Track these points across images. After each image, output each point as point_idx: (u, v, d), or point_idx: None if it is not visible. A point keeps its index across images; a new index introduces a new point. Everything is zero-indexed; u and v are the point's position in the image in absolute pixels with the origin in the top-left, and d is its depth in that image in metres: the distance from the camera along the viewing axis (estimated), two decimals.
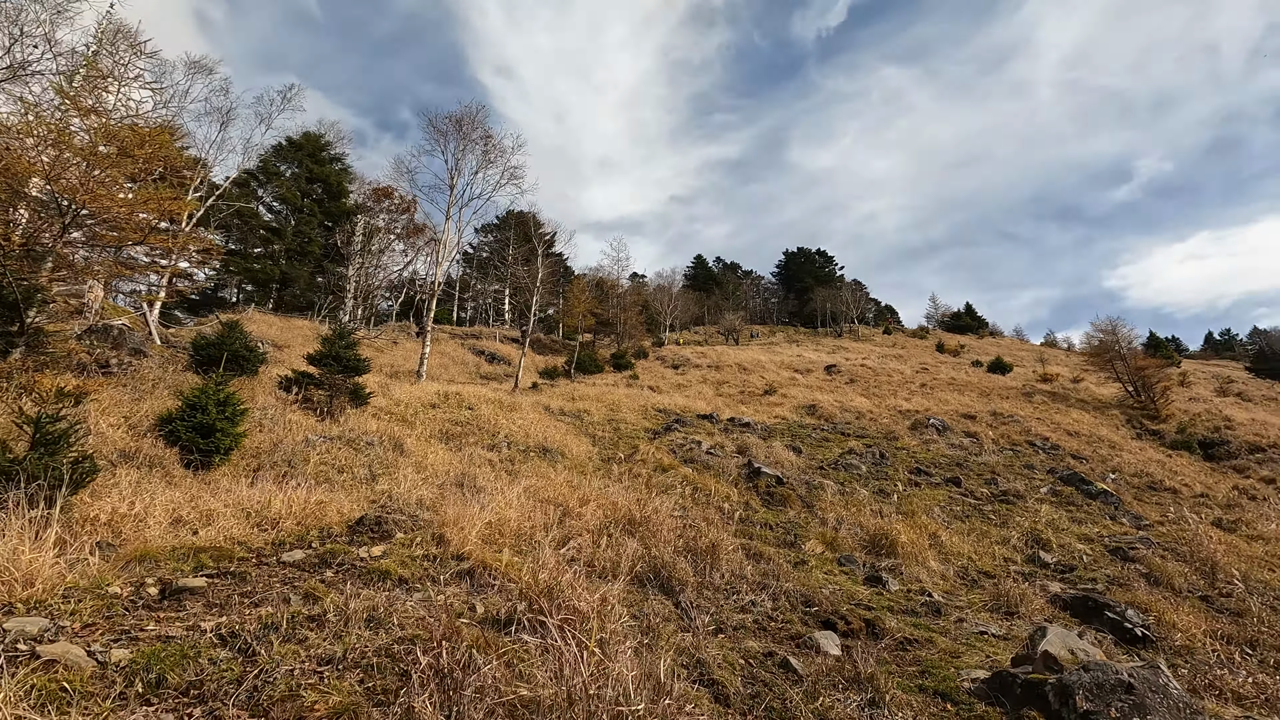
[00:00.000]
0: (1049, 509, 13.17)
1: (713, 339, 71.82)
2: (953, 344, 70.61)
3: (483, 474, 9.57)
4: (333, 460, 9.11)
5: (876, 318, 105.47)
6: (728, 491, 11.45)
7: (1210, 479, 21.57)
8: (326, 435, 10.10)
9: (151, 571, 4.64)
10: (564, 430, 15.62)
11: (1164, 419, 32.18)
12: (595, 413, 19.39)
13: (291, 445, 9.30)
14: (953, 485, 14.28)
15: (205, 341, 12.76)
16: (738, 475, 12.70)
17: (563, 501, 8.23)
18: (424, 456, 10.66)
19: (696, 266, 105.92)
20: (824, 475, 14.33)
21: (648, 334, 45.61)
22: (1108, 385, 38.78)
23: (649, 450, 13.66)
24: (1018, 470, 17.38)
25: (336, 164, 35.52)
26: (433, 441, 12.20)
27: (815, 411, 26.57)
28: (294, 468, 8.61)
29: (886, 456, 16.65)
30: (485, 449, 12.34)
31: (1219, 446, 27.03)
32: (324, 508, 6.61)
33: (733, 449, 15.63)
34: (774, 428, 21.31)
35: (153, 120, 9.65)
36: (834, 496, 11.96)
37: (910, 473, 15.33)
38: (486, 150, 22.02)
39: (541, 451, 12.99)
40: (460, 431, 13.51)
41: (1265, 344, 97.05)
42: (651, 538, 6.80)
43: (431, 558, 5.58)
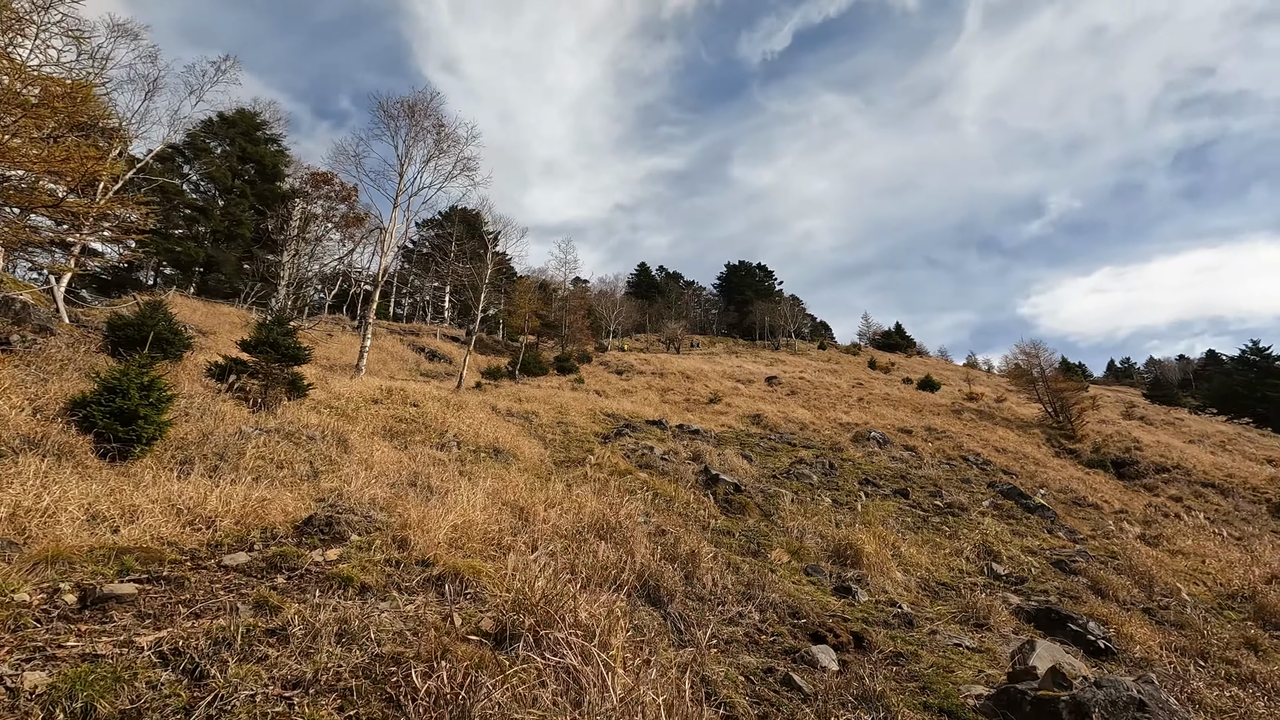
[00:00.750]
0: (992, 521, 13.52)
1: (654, 347, 71.96)
2: (884, 361, 73.27)
3: (435, 474, 8.97)
4: (271, 454, 8.33)
5: (812, 333, 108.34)
6: (687, 497, 11.19)
7: (1125, 496, 22.85)
8: (263, 428, 9.27)
9: (66, 575, 3.97)
10: (514, 431, 15.05)
11: (1079, 439, 34.03)
12: (544, 415, 18.85)
13: (223, 437, 8.46)
14: (901, 497, 14.50)
15: (123, 321, 11.61)
16: (695, 481, 12.48)
17: (525, 505, 7.77)
18: (370, 454, 9.94)
19: (640, 274, 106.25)
20: (778, 484, 14.29)
21: (592, 339, 45.15)
22: (1029, 406, 40.79)
23: (604, 454, 13.27)
24: (957, 484, 17.88)
25: (272, 145, 33.55)
26: (377, 438, 11.45)
27: (760, 421, 26.77)
28: (226, 461, 7.82)
29: (835, 467, 16.80)
30: (434, 448, 11.68)
31: (1129, 466, 28.72)
32: (266, 506, 5.94)
33: (686, 455, 15.42)
34: (723, 436, 21.27)
35: (76, 73, 8.65)
36: (792, 505, 11.88)
37: (859, 483, 15.49)
38: (439, 139, 21.21)
39: (493, 452, 12.41)
40: (406, 429, 12.78)
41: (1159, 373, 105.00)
42: (625, 544, 6.45)
43: (394, 563, 5.05)
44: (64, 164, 7.95)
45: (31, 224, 9.41)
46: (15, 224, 8.56)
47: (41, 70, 8.30)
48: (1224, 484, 26.16)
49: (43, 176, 8.29)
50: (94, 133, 10.16)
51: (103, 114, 9.59)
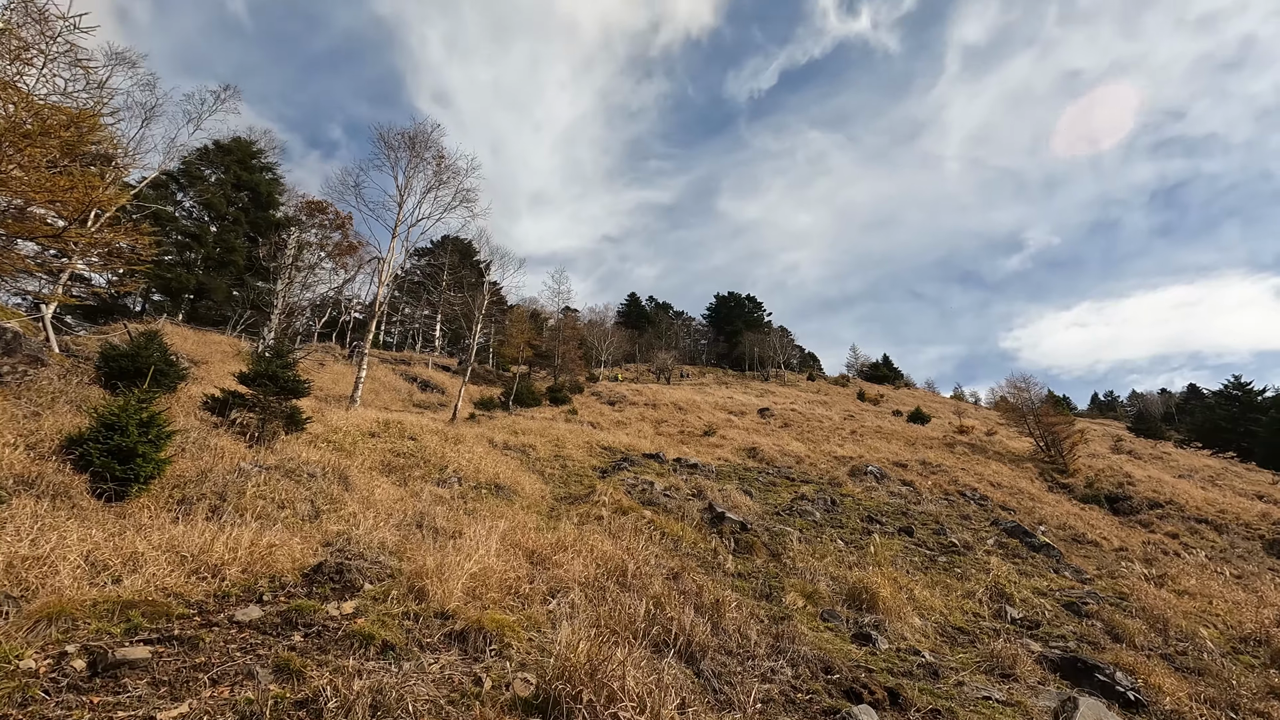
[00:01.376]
0: (998, 561, 13.36)
1: (644, 377, 71.76)
2: (873, 393, 73.41)
3: (440, 513, 8.71)
4: (272, 493, 8.05)
5: (801, 364, 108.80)
6: (694, 537, 10.97)
7: (1122, 532, 22.80)
8: (262, 464, 8.98)
9: (71, 635, 3.72)
10: (513, 466, 14.78)
11: (1072, 473, 34.07)
12: (541, 448, 18.57)
13: (222, 474, 8.18)
14: (906, 535, 14.32)
15: (117, 352, 11.32)
16: (700, 520, 12.25)
17: (536, 548, 7.53)
18: (370, 491, 9.68)
19: (630, 304, 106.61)
20: (782, 521, 14.08)
21: (584, 368, 44.95)
22: (1020, 440, 40.92)
23: (605, 490, 13.02)
24: (957, 520, 17.75)
25: (267, 173, 33.50)
26: (375, 474, 11.17)
27: (756, 455, 26.60)
28: (226, 501, 7.53)
29: (837, 504, 16.62)
30: (435, 484, 11.40)
31: (1123, 501, 28.70)
32: (274, 552, 5.68)
33: (688, 491, 15.19)
34: (720, 470, 21.05)
35: (82, 101, 8.54)
36: (800, 545, 11.67)
37: (862, 520, 15.32)
38: (439, 170, 21.23)
39: (494, 488, 12.14)
40: (404, 464, 12.49)
41: (1142, 407, 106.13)
42: (644, 590, 6.24)
43: (413, 616, 4.81)
44: (67, 193, 7.78)
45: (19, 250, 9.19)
46: (6, 251, 8.35)
47: (48, 99, 8.19)
48: (1217, 520, 26.16)
49: (43, 205, 8.12)
50: (99, 162, 10.02)
51: (109, 143, 9.46)
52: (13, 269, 8.72)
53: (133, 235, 9.70)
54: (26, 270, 9.64)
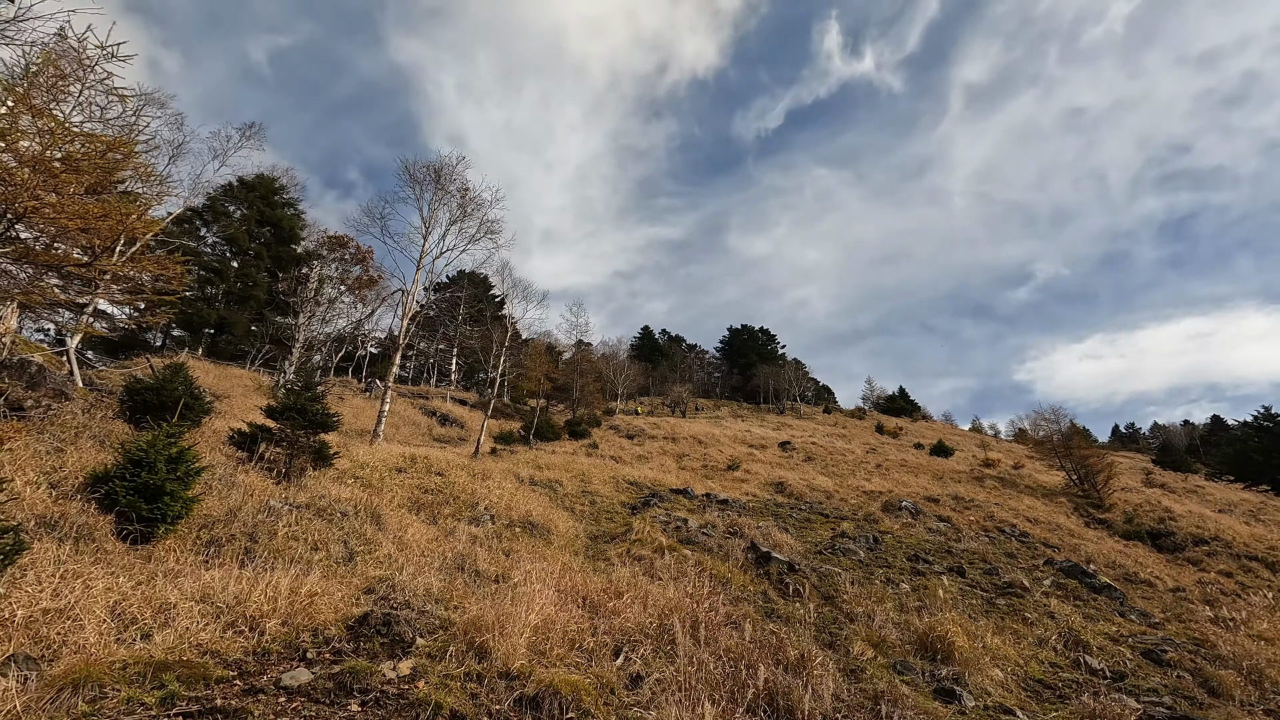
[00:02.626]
0: (1059, 603, 12.57)
1: (659, 410, 70.99)
2: (891, 426, 72.08)
3: (481, 555, 8.17)
4: (304, 534, 7.56)
5: (816, 397, 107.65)
6: (742, 579, 10.33)
7: (1172, 570, 21.76)
8: (292, 502, 8.51)
9: (100, 708, 3.22)
10: (543, 503, 14.21)
11: (1108, 508, 32.93)
12: (567, 483, 17.99)
13: (251, 513, 7.70)
14: (957, 575, 13.55)
15: (141, 386, 10.97)
16: (745, 560, 11.59)
17: (590, 593, 6.97)
18: (403, 530, 9.16)
19: (643, 337, 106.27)
20: (826, 561, 13.38)
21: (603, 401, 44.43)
22: (1050, 473, 39.80)
23: (643, 528, 12.42)
24: (1003, 558, 16.92)
25: (289, 209, 33.77)
26: (404, 511, 10.65)
27: (784, 489, 25.82)
28: (258, 542, 7.05)
29: (878, 541, 15.87)
30: (468, 522, 10.86)
31: (1166, 538, 27.56)
32: (315, 601, 5.18)
33: (725, 528, 14.53)
34: (751, 505, 20.34)
35: (117, 130, 8.34)
36: (852, 587, 10.98)
37: (908, 560, 14.56)
38: (463, 202, 21.12)
39: (527, 527, 11.58)
40: (433, 500, 11.97)
41: (1166, 438, 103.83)
42: (715, 643, 5.65)
43: (475, 677, 4.27)
44: (100, 221, 7.52)
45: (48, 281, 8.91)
46: (39, 284, 8.08)
47: (83, 127, 8.00)
48: (1268, 557, 24.96)
49: (75, 233, 7.86)
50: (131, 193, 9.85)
51: (143, 173, 9.25)
52: (41, 301, 8.45)
53: (163, 266, 9.43)
54: (54, 303, 9.37)
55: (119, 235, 8.03)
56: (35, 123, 7.66)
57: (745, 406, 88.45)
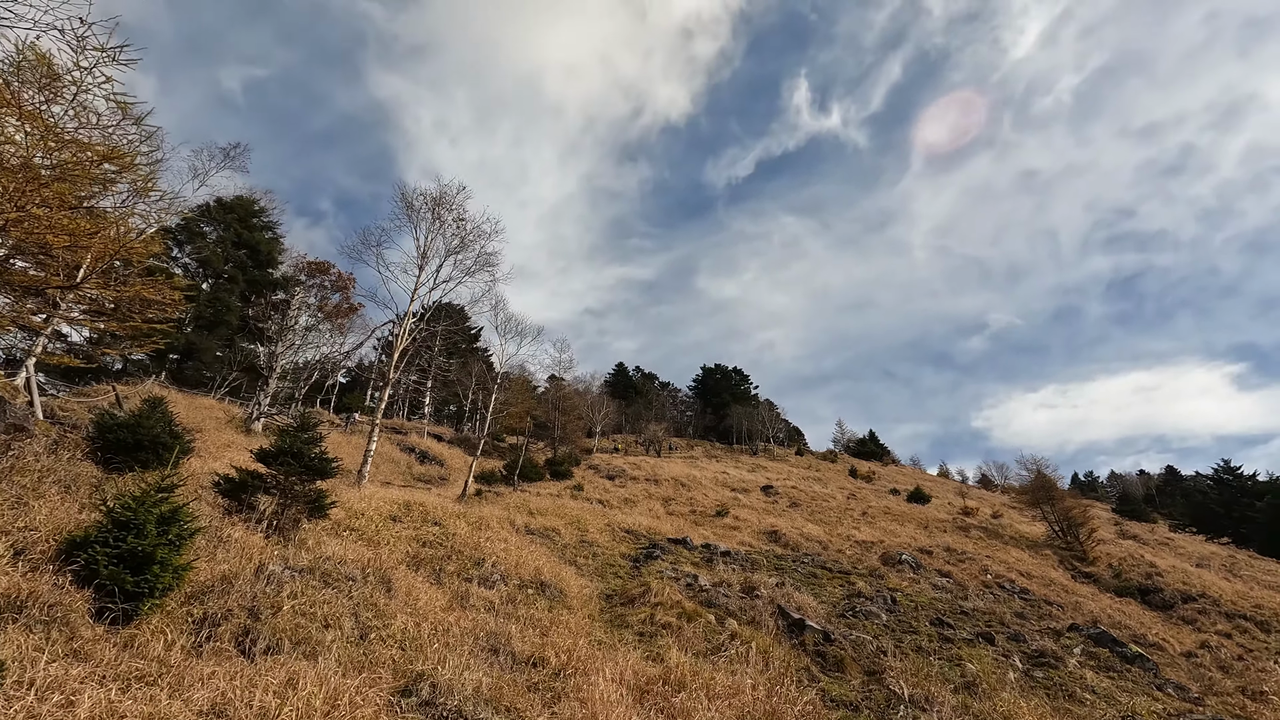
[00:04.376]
0: (1093, 675, 11.95)
1: (633, 448, 69.82)
2: (865, 470, 72.06)
3: (515, 635, 7.19)
4: (311, 608, 6.51)
5: (788, 438, 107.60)
6: (781, 652, 9.46)
7: (1170, 630, 21.43)
8: (293, 566, 7.44)
9: None
10: (547, 557, 13.18)
11: (1092, 561, 32.87)
12: (564, 532, 16.96)
13: (248, 581, 6.64)
14: (986, 643, 12.85)
15: (115, 423, 9.80)
16: (775, 627, 10.73)
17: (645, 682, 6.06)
18: (414, 596, 8.13)
19: (617, 374, 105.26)
20: (849, 624, 12.58)
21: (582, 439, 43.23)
22: (1032, 524, 39.77)
23: (661, 589, 11.49)
24: (1013, 620, 16.34)
25: (268, 232, 32.45)
26: (407, 570, 9.57)
27: (779, 539, 25.01)
28: (259, 620, 6.00)
29: (896, 602, 15.13)
30: (478, 583, 9.82)
31: (1155, 594, 27.41)
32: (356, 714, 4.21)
33: (739, 587, 13.64)
34: (752, 557, 19.48)
35: (118, 137, 7.43)
36: (895, 661, 10.18)
37: (931, 624, 13.83)
38: (460, 232, 20.33)
39: (540, 587, 10.57)
40: (436, 556, 10.89)
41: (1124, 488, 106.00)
42: None
43: None
44: (90, 238, 6.58)
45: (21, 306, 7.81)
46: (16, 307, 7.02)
47: (76, 134, 7.09)
48: (1256, 616, 24.95)
49: (59, 251, 6.89)
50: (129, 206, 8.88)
51: (144, 186, 8.30)
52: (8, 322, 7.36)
53: (158, 290, 8.42)
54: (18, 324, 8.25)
55: (112, 255, 7.09)
56: (23, 125, 6.73)
57: (719, 446, 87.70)
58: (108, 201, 8.00)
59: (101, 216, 6.87)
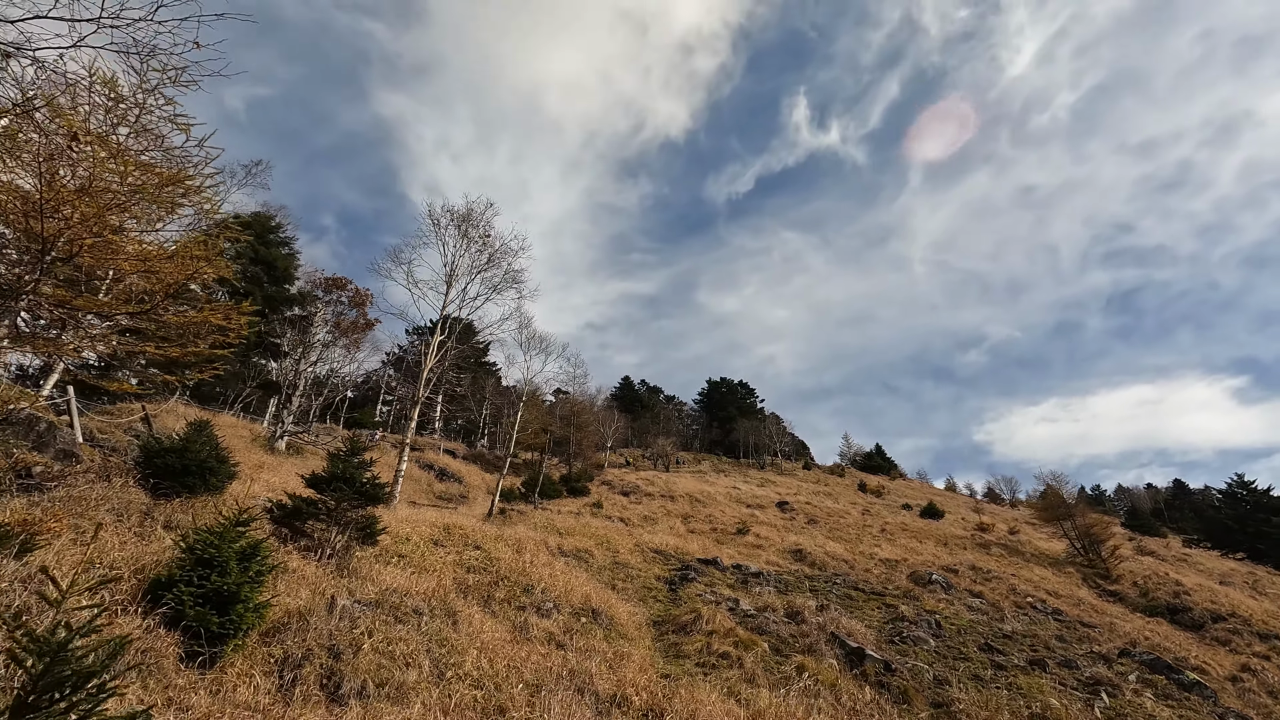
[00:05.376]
0: (1153, 703, 11.66)
1: (641, 463, 69.43)
2: (874, 484, 71.56)
3: (596, 672, 6.94)
4: (388, 645, 6.27)
5: (795, 452, 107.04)
6: (848, 685, 9.18)
7: (1209, 653, 21.02)
8: (360, 600, 7.21)
9: None
10: (588, 581, 12.92)
11: (1115, 579, 32.44)
12: (597, 554, 16.69)
13: (323, 617, 6.41)
14: (1040, 670, 12.54)
15: (162, 448, 9.59)
16: (835, 657, 10.44)
17: None
18: (478, 629, 7.88)
19: (623, 388, 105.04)
20: (899, 650, 12.30)
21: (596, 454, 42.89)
22: (1051, 540, 39.37)
23: (712, 615, 11.22)
24: (1055, 643, 15.99)
25: (284, 248, 32.42)
26: (459, 598, 9.32)
27: (804, 557, 24.67)
28: (341, 660, 5.77)
29: (941, 627, 14.82)
30: (532, 612, 9.56)
31: (1184, 613, 26.96)
32: None
33: (783, 611, 13.36)
34: (784, 578, 19.19)
35: (179, 160, 7.31)
36: (960, 693, 9.90)
37: (980, 649, 13.53)
38: (484, 248, 20.22)
39: (591, 615, 10.31)
40: (483, 582, 10.63)
41: (1133, 502, 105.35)
42: None
43: None
44: (164, 262, 6.42)
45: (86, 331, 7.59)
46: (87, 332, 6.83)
47: (139, 157, 6.95)
48: None
49: (129, 276, 6.73)
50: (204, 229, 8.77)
51: (210, 209, 8.16)
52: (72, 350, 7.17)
53: (227, 316, 8.25)
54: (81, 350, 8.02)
55: (186, 279, 6.93)
56: (91, 148, 6.59)
57: (726, 461, 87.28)
58: (173, 226, 7.87)
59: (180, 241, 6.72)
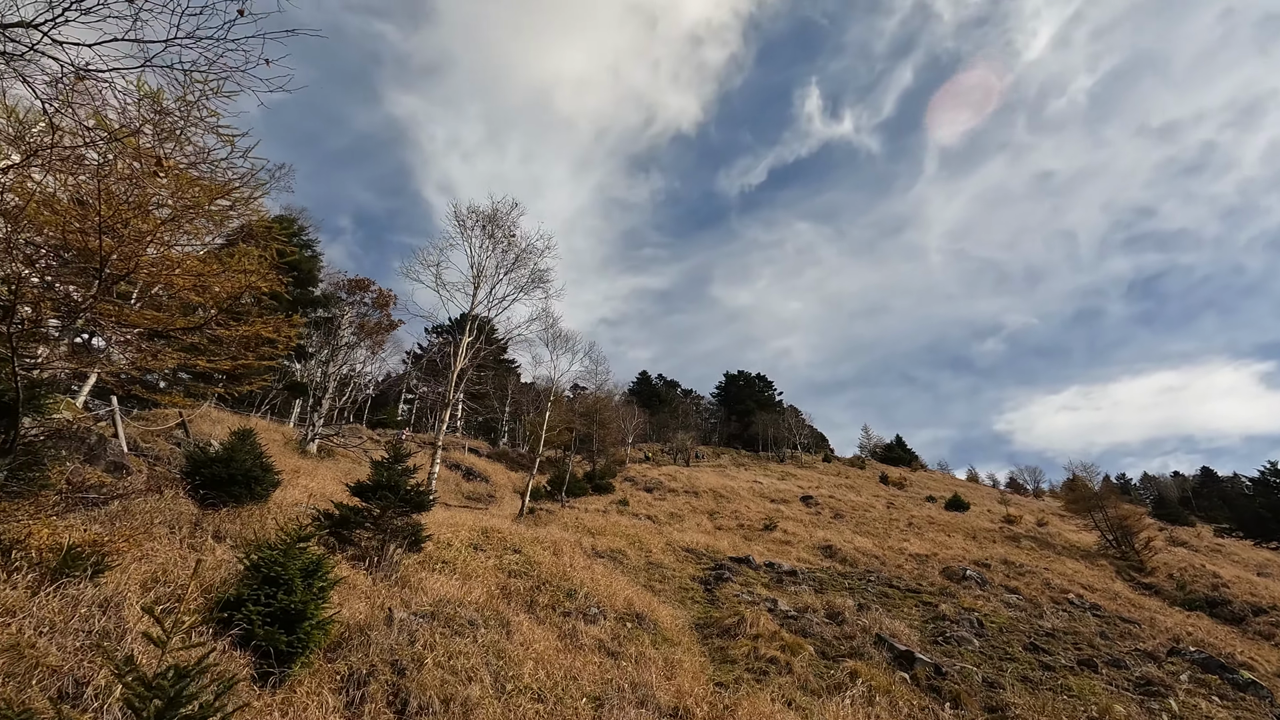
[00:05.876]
0: (1207, 704, 11.40)
1: (660, 458, 69.32)
2: (895, 476, 70.85)
3: (655, 684, 6.86)
4: (448, 659, 6.23)
5: (814, 445, 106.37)
6: (902, 690, 9.05)
7: (1253, 647, 20.57)
8: (415, 611, 7.19)
9: None
10: (627, 583, 12.87)
11: (1150, 571, 31.90)
12: (630, 554, 16.65)
13: (381, 631, 6.38)
14: (1090, 670, 12.32)
15: (207, 458, 9.64)
16: (883, 660, 10.30)
17: None
18: (529, 638, 7.84)
19: (641, 382, 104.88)
20: (944, 651, 12.12)
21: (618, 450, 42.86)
22: (1080, 532, 38.83)
23: (755, 619, 11.11)
24: (1097, 640, 15.69)
25: (307, 250, 32.67)
26: (501, 602, 9.29)
27: (834, 554, 24.47)
28: (405, 676, 5.73)
29: (983, 625, 14.62)
30: (578, 617, 9.51)
31: (1223, 606, 26.45)
32: None
33: (823, 612, 13.23)
34: (818, 576, 19.04)
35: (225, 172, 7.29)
36: (1013, 695, 9.73)
37: (1025, 649, 13.32)
38: (509, 248, 20.18)
39: (636, 620, 10.25)
40: (525, 587, 10.60)
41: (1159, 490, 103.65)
42: None
43: None
44: (216, 278, 6.40)
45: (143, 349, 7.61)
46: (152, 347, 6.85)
47: (187, 171, 6.93)
48: None
49: (184, 292, 6.74)
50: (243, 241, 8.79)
51: (258, 222, 8.16)
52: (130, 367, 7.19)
53: (277, 328, 8.26)
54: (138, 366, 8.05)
55: (239, 294, 6.92)
56: (144, 165, 6.58)
57: (745, 454, 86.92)
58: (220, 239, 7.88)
59: (231, 256, 6.69)
